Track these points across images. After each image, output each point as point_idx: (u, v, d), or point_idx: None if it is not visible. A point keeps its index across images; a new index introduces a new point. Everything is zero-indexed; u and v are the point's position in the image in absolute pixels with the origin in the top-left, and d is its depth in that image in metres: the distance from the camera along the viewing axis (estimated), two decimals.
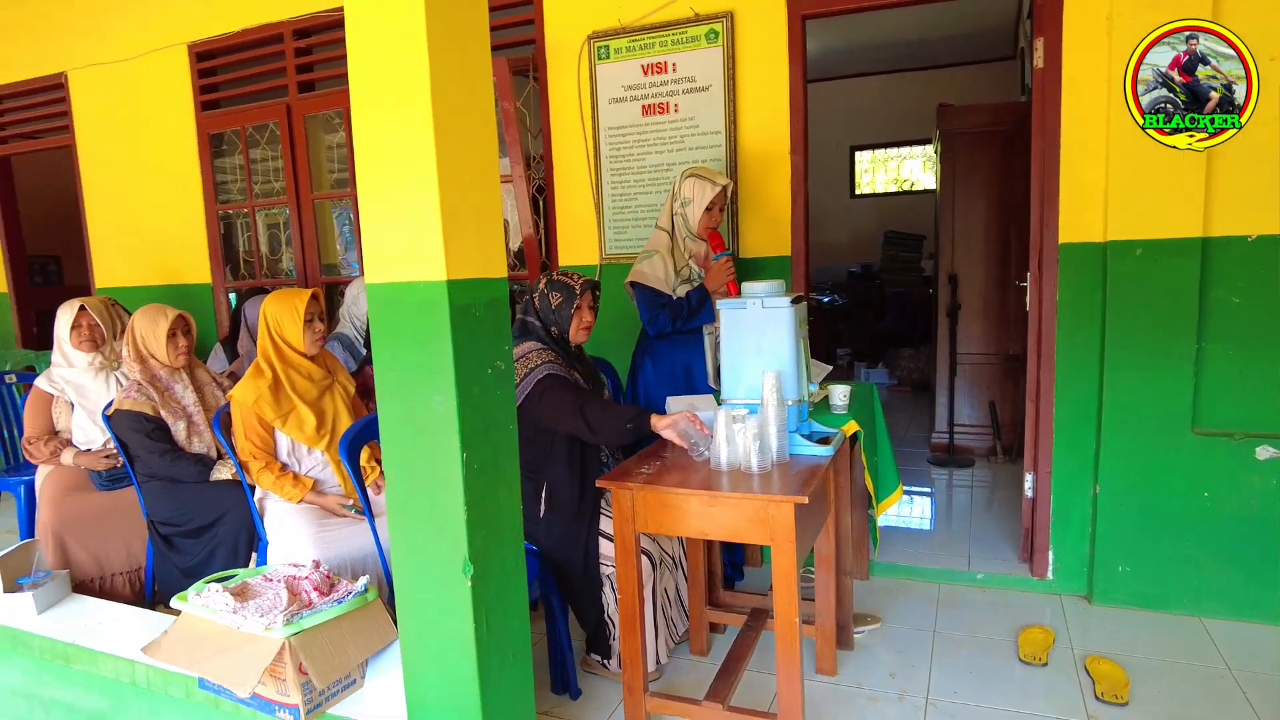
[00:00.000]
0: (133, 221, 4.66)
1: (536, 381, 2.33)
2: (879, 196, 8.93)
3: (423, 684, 1.68)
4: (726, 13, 3.10)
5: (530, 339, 2.44)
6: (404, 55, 1.46)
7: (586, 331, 2.52)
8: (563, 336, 2.48)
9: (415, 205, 1.49)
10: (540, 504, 2.41)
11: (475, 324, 1.57)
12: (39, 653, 2.28)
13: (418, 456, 1.58)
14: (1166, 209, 2.64)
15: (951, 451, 4.51)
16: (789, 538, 1.91)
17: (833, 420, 2.50)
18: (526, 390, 2.34)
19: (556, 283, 2.48)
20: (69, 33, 4.59)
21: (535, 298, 2.49)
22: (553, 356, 2.39)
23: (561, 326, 2.47)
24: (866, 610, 2.88)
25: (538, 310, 2.48)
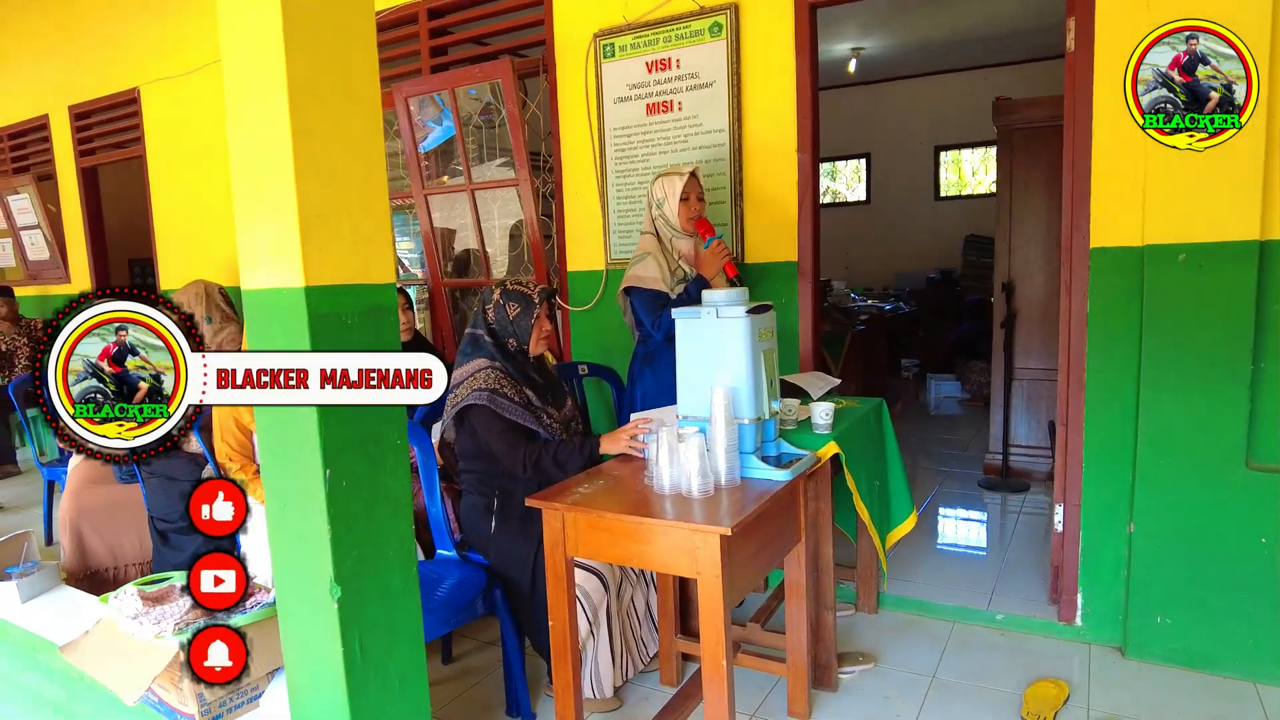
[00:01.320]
0: (192, 226, 4.89)
1: (481, 410, 2.26)
2: (965, 199, 8.43)
3: (302, 704, 1.62)
4: (731, 4, 2.93)
5: (480, 355, 2.34)
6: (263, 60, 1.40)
7: (546, 342, 2.41)
8: (521, 349, 2.38)
9: (275, 211, 1.43)
10: (492, 519, 2.32)
11: (346, 333, 1.49)
12: (15, 642, 2.36)
13: (287, 471, 1.52)
14: (1216, 208, 2.29)
15: (1006, 474, 4.14)
16: (715, 572, 1.74)
17: (811, 441, 2.30)
18: (465, 406, 2.27)
19: (512, 292, 2.38)
20: (141, 50, 4.87)
21: (489, 310, 2.39)
22: (498, 379, 2.29)
23: (521, 338, 2.37)
24: (862, 648, 2.64)
25: (491, 323, 2.38)
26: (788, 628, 2.28)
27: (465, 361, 2.34)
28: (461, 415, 2.29)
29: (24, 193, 5.64)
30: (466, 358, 2.35)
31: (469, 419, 2.28)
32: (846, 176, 9.18)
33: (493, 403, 2.24)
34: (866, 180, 8.89)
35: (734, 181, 3.00)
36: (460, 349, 2.41)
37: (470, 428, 2.30)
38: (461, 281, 3.97)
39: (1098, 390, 2.56)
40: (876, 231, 8.62)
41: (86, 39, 5.14)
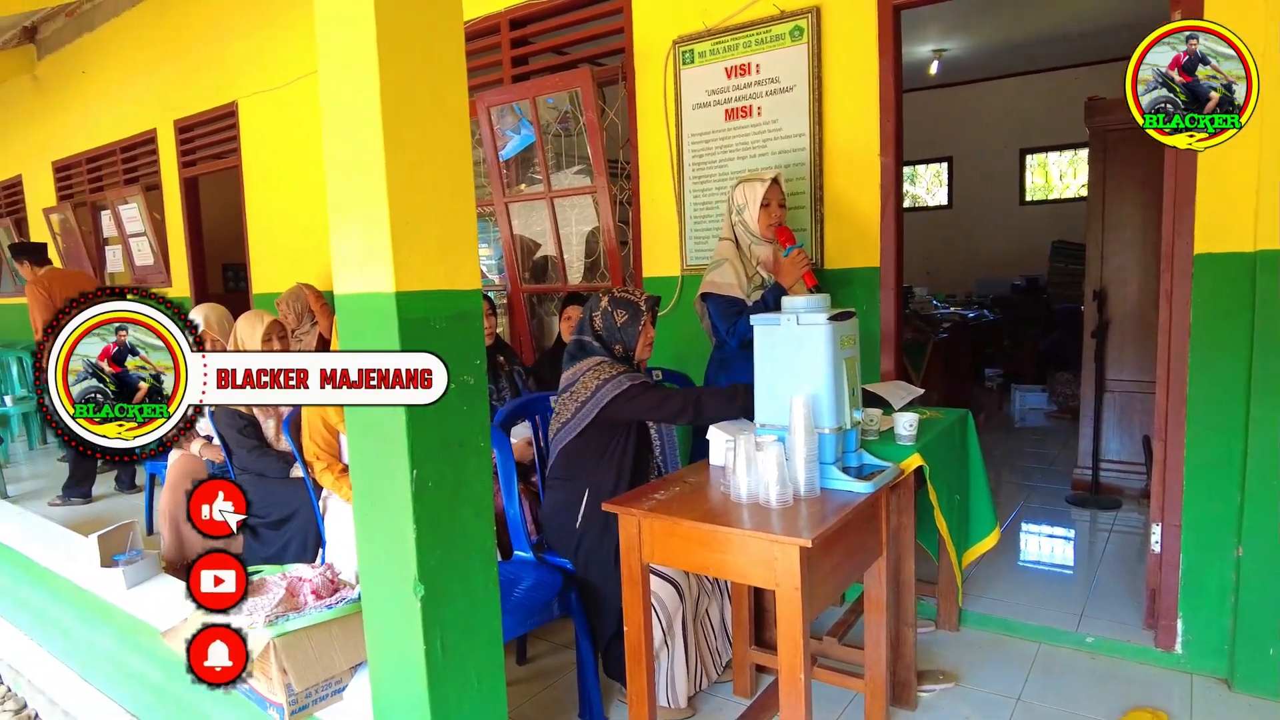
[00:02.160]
0: (282, 233, 5.10)
1: (621, 391, 2.27)
2: (1052, 203, 8.12)
3: (385, 700, 1.66)
4: (812, 8, 2.89)
5: (591, 355, 2.39)
6: (358, 74, 1.45)
7: (650, 348, 2.44)
8: (627, 355, 2.41)
9: (369, 218, 1.47)
10: (578, 513, 2.33)
11: (434, 337, 1.53)
12: (120, 626, 2.50)
13: (376, 471, 1.56)
14: None
15: (1096, 490, 3.96)
16: (794, 584, 1.71)
17: (894, 453, 2.24)
18: (599, 405, 2.29)
19: (620, 300, 2.41)
20: (240, 65, 5.11)
21: (596, 317, 2.42)
22: (617, 368, 2.33)
23: (628, 344, 2.40)
24: (944, 666, 2.56)
25: (598, 330, 2.41)
26: (866, 643, 2.23)
27: (574, 363, 2.38)
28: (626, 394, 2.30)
29: (133, 202, 5.98)
30: (575, 360, 2.39)
31: (632, 395, 2.29)
32: (927, 180, 8.96)
33: (633, 378, 2.29)
34: (948, 184, 8.65)
35: (814, 186, 2.96)
36: (568, 352, 2.45)
37: (600, 418, 2.31)
38: (539, 287, 4.03)
39: (1200, 404, 2.42)
40: (958, 237, 8.38)
41: (192, 58, 5.42)
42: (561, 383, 2.40)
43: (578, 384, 2.33)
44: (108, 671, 2.67)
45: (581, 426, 2.30)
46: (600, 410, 2.28)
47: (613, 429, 2.33)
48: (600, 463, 2.34)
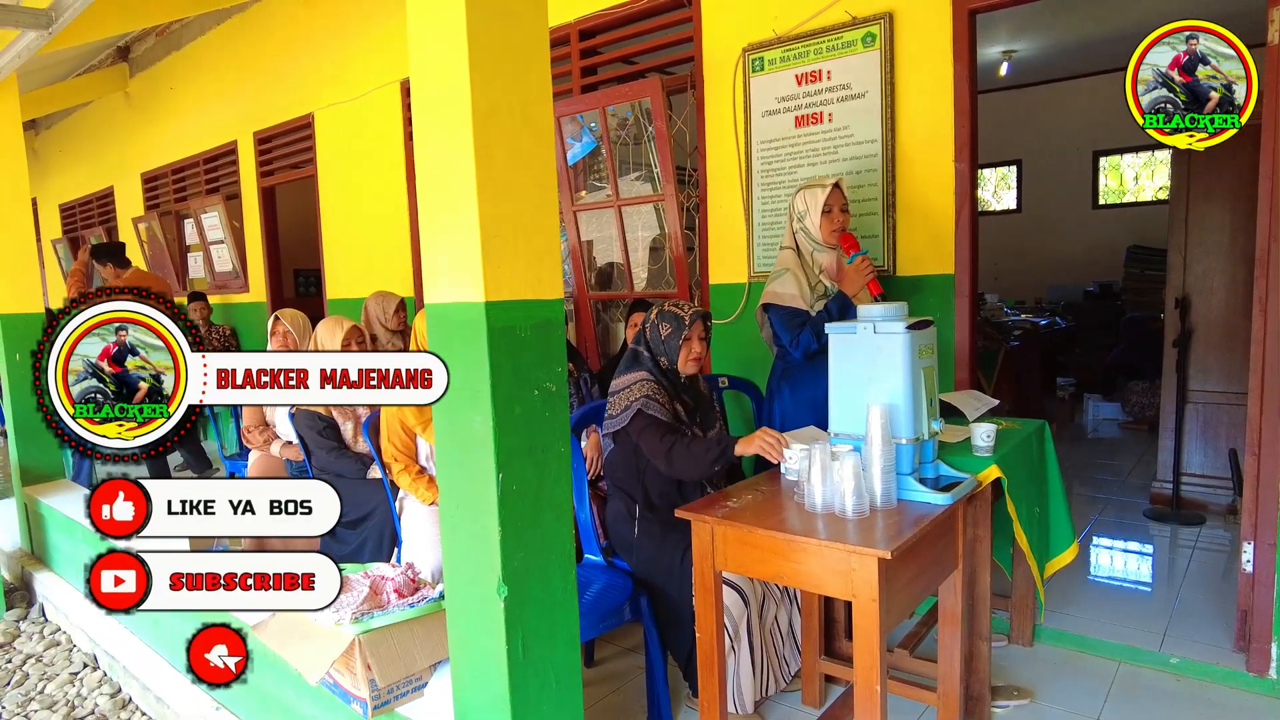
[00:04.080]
0: (355, 240, 5.25)
1: (633, 415, 2.35)
2: (1126, 206, 7.86)
3: (466, 699, 1.70)
4: (884, 14, 2.87)
5: (640, 368, 2.43)
6: (449, 87, 1.49)
7: (696, 363, 2.45)
8: (671, 368, 2.44)
9: (458, 229, 1.52)
10: (634, 523, 2.36)
11: (519, 346, 1.57)
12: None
13: (461, 474, 1.61)
14: None
15: (1177, 505, 3.82)
16: (872, 596, 1.70)
17: (971, 464, 2.21)
18: (624, 422, 2.37)
19: (666, 313, 2.44)
20: (317, 79, 5.30)
21: (646, 328, 2.48)
22: (654, 389, 2.37)
23: (670, 357, 2.43)
24: (1018, 682, 2.51)
25: (648, 341, 2.46)
26: (940, 656, 2.20)
27: (625, 373, 2.43)
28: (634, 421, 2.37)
29: (214, 211, 6.24)
30: (628, 369, 2.44)
31: (638, 424, 2.35)
32: (993, 184, 8.76)
33: (646, 406, 2.34)
34: (1017, 188, 8.45)
35: (886, 192, 2.93)
36: (624, 359, 2.51)
37: (624, 431, 2.38)
38: (605, 294, 4.07)
39: None
40: (1027, 242, 8.17)
41: (271, 72, 5.64)
42: (609, 389, 2.48)
43: (619, 395, 2.41)
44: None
45: (607, 441, 2.42)
46: (619, 430, 2.37)
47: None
48: (645, 478, 2.39)
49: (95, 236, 7.89)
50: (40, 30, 3.00)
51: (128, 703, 3.01)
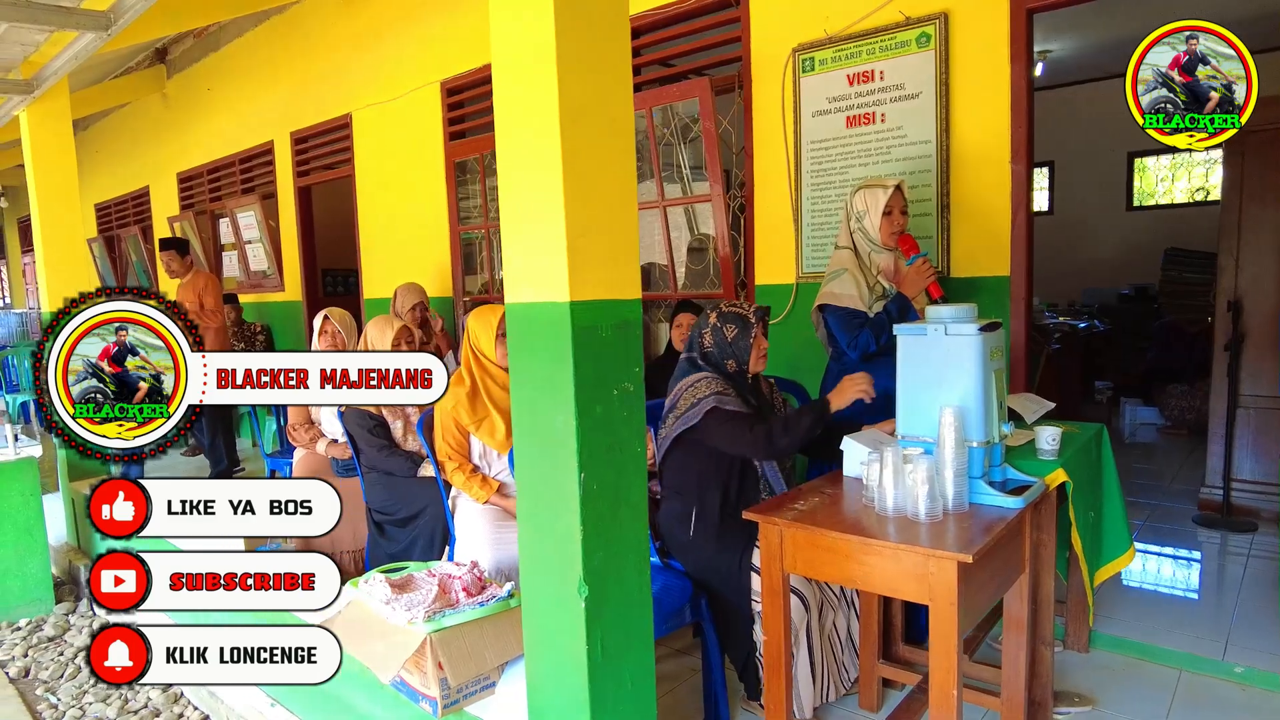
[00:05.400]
0: (394, 240, 5.28)
1: (706, 413, 2.28)
2: (1163, 208, 7.77)
3: (542, 698, 1.70)
4: (940, 14, 2.85)
5: (699, 372, 2.39)
6: (535, 87, 1.49)
7: (764, 359, 2.43)
8: (741, 370, 2.41)
9: (544, 229, 1.52)
10: (690, 526, 2.35)
11: (601, 345, 1.57)
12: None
13: (542, 473, 1.61)
14: None
15: (1227, 512, 3.77)
16: (950, 599, 1.69)
17: (1037, 468, 2.18)
18: (693, 420, 2.31)
19: (728, 315, 2.41)
20: (356, 79, 5.33)
21: (705, 335, 2.42)
22: (722, 385, 2.33)
23: (740, 358, 2.40)
24: (1076, 688, 2.48)
25: (707, 348, 2.41)
26: (1004, 662, 2.18)
27: (682, 378, 2.40)
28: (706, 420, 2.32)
29: (250, 210, 6.29)
30: (684, 374, 2.40)
31: (713, 422, 2.30)
32: None
33: (720, 402, 2.29)
34: (1049, 189, 8.37)
35: (940, 194, 2.91)
36: (678, 370, 2.46)
37: (692, 431, 2.33)
38: (646, 295, 4.07)
39: None
40: (1061, 244, 8.08)
41: (309, 73, 5.68)
42: (669, 396, 2.42)
43: (679, 400, 2.35)
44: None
45: (668, 444, 2.35)
46: (687, 430, 2.30)
47: (711, 449, 2.33)
48: (704, 481, 2.34)
49: (131, 236, 7.98)
50: (99, 32, 3.04)
51: (179, 697, 3.04)
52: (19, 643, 3.51)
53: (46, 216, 4.01)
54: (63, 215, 4.00)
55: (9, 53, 3.44)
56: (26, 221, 12.58)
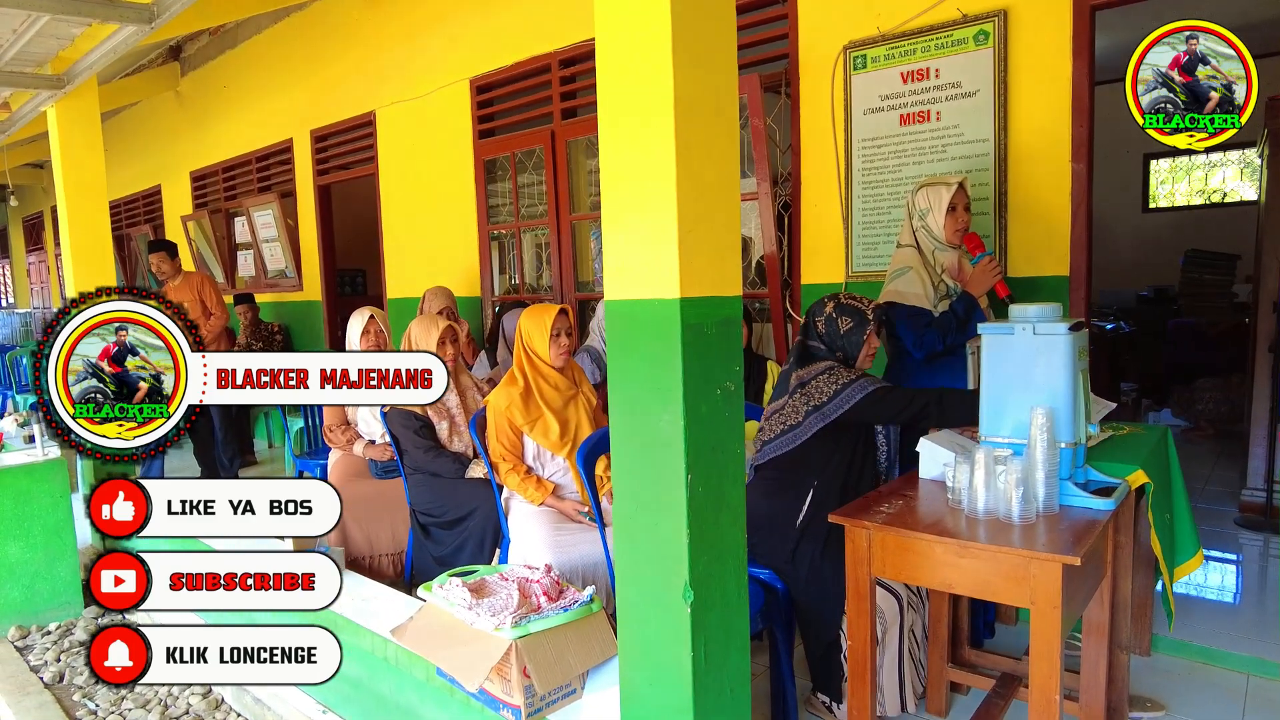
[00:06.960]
0: (419, 240, 5.23)
1: (867, 393, 2.23)
2: (1180, 210, 7.77)
3: (638, 706, 1.65)
4: (999, 11, 2.82)
5: (819, 359, 2.35)
6: (648, 77, 1.45)
7: (871, 359, 2.39)
8: (847, 362, 2.37)
9: (653, 223, 1.48)
10: (800, 515, 2.30)
11: (706, 343, 1.53)
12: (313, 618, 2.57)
13: (643, 474, 1.56)
14: None
15: (1270, 514, 3.75)
16: (1053, 602, 1.65)
17: (1116, 469, 2.15)
18: (844, 406, 2.24)
19: (845, 306, 2.36)
20: (380, 76, 5.28)
21: (819, 321, 2.38)
22: (859, 371, 2.32)
23: (850, 352, 2.36)
24: (1144, 692, 2.45)
25: (821, 334, 2.37)
26: (1084, 667, 2.14)
27: (802, 367, 2.34)
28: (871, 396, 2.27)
29: (268, 209, 6.23)
30: (803, 363, 2.35)
31: (876, 397, 2.26)
32: None
33: (869, 381, 2.26)
34: None
35: (997, 193, 2.88)
36: (793, 355, 2.43)
37: (837, 420, 2.28)
38: None
39: None
40: None
41: (331, 70, 5.63)
42: (790, 384, 2.35)
43: (810, 386, 2.29)
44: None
45: (815, 429, 2.27)
46: (843, 413, 2.23)
47: (843, 432, 2.29)
48: (828, 465, 2.30)
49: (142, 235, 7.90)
50: (141, 25, 2.98)
51: (221, 703, 2.98)
52: (50, 647, 3.45)
53: (75, 214, 3.94)
54: (91, 213, 3.94)
55: (43, 46, 3.38)
56: (32, 220, 12.47)
